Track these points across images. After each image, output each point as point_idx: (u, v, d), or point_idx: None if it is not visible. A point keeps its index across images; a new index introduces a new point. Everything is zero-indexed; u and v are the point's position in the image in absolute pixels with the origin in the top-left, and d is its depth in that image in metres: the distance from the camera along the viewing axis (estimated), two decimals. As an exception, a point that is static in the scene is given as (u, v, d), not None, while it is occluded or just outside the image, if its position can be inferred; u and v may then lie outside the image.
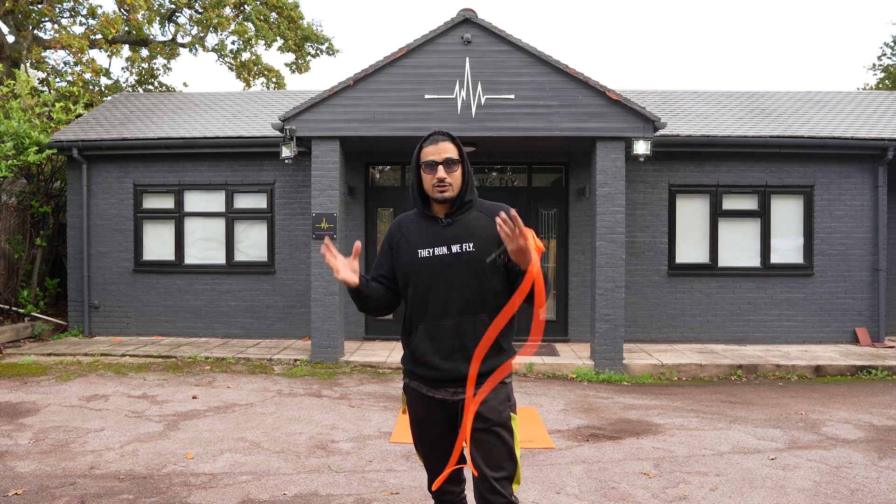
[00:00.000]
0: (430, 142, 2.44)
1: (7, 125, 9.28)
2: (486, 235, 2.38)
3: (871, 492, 4.08)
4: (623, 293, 8.14)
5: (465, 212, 2.45)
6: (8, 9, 14.42)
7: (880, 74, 22.20)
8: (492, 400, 2.36)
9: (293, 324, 9.83)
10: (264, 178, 9.87)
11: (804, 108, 10.77)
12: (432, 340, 2.38)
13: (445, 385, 2.39)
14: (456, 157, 2.42)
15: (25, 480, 4.16)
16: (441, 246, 2.40)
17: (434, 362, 2.38)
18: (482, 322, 2.34)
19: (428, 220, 2.47)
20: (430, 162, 2.40)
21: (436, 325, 2.38)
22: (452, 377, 2.36)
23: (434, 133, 2.46)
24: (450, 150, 2.41)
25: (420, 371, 2.43)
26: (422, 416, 2.47)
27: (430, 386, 2.42)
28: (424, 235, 2.44)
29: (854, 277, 9.51)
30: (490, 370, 2.36)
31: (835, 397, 6.81)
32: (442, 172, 2.38)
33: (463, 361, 2.34)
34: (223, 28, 16.76)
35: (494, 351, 2.39)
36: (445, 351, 2.37)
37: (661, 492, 4.08)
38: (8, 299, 10.12)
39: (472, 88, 8.14)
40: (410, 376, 2.50)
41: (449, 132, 2.46)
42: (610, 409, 6.24)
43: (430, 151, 2.42)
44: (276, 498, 3.93)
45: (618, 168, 8.14)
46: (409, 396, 2.52)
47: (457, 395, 2.38)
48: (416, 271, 2.42)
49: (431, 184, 2.41)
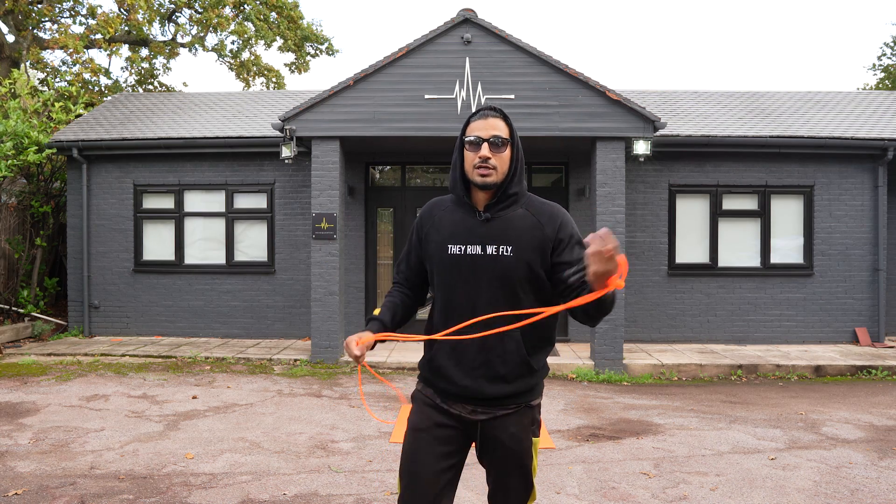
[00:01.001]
0: (478, 116, 2.10)
1: (6, 125, 9.28)
2: (530, 239, 2.04)
3: (871, 492, 4.08)
4: (623, 293, 8.14)
5: (509, 207, 2.10)
6: (8, 9, 14.43)
7: (880, 74, 22.21)
8: (513, 426, 2.09)
9: (293, 324, 9.82)
10: (264, 178, 9.86)
11: (804, 108, 10.77)
12: (452, 353, 2.08)
13: (463, 401, 2.11)
14: (506, 137, 2.07)
15: (25, 480, 4.16)
16: (475, 244, 2.07)
17: (453, 377, 2.08)
18: (513, 338, 2.03)
19: (465, 209, 2.13)
20: (475, 139, 2.06)
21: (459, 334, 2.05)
22: (471, 395, 2.08)
23: (484, 108, 2.12)
24: (500, 127, 2.07)
25: (437, 381, 2.14)
26: (426, 427, 2.13)
27: (444, 399, 2.14)
28: (458, 228, 2.10)
29: (854, 277, 9.51)
30: (520, 391, 2.10)
31: (835, 397, 6.81)
32: (486, 151, 2.03)
33: (486, 380, 2.05)
34: (223, 28, 16.77)
35: (525, 371, 2.09)
36: (467, 366, 2.07)
37: (661, 492, 4.08)
38: (8, 299, 10.12)
39: (471, 88, 8.14)
40: (425, 384, 2.20)
41: (502, 109, 2.13)
42: (610, 409, 6.24)
43: (477, 126, 2.08)
44: (276, 498, 3.93)
45: (618, 168, 8.14)
46: (417, 404, 2.20)
47: (475, 415, 2.10)
48: (443, 268, 2.11)
49: (473, 164, 2.06)
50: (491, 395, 2.06)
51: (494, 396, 2.07)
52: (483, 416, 2.10)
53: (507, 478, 2.13)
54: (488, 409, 2.10)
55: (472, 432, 2.13)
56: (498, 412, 2.09)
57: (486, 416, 2.10)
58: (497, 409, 2.09)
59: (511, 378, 2.07)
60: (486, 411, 2.10)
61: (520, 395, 2.10)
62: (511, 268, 2.03)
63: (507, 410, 2.10)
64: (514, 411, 2.10)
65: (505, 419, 2.09)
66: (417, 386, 2.24)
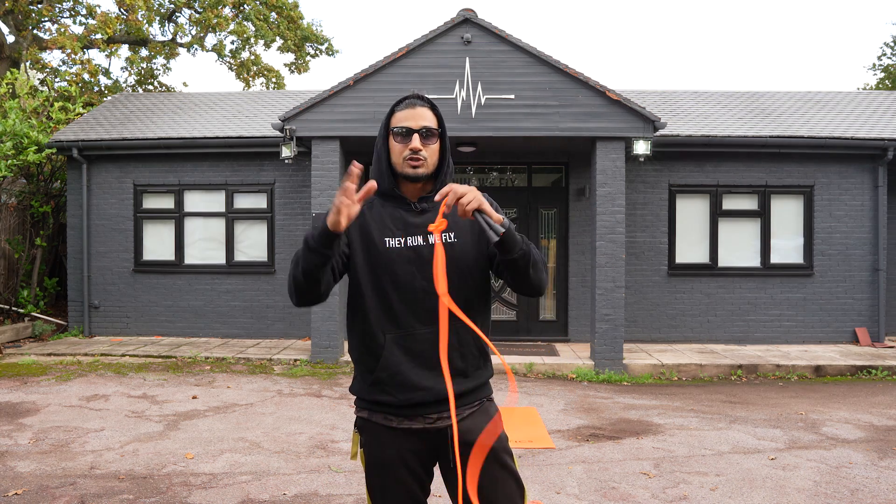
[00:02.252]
0: (404, 105, 1.99)
1: (5, 125, 9.28)
2: (468, 225, 1.98)
3: (871, 492, 4.08)
4: (623, 293, 8.14)
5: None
6: (8, 9, 14.43)
7: (880, 74, 22.22)
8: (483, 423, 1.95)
9: (293, 324, 9.82)
10: (264, 178, 9.86)
11: (804, 108, 10.77)
12: (406, 353, 1.91)
13: (425, 410, 1.92)
14: (435, 128, 1.98)
15: (25, 480, 4.16)
16: (415, 235, 1.95)
17: (412, 380, 1.90)
18: (466, 328, 1.88)
19: (395, 202, 2.01)
20: (404, 129, 1.96)
21: (410, 334, 1.91)
22: (435, 398, 1.91)
23: (410, 96, 2.01)
24: (428, 117, 1.98)
25: (388, 397, 1.92)
26: (389, 460, 1.94)
27: (402, 415, 1.94)
28: (392, 222, 1.97)
29: (854, 277, 9.51)
30: (478, 385, 2.00)
31: (835, 397, 6.81)
32: (417, 143, 1.95)
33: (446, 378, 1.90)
34: (222, 28, 16.77)
35: (480, 361, 2.00)
36: (425, 365, 1.91)
37: (661, 492, 4.08)
38: (8, 299, 10.12)
39: (472, 88, 8.14)
40: (373, 407, 1.97)
41: (428, 97, 2.03)
42: (610, 409, 6.24)
43: (405, 116, 1.97)
44: (276, 498, 3.93)
45: (618, 168, 8.14)
46: (370, 436, 1.98)
47: (440, 422, 1.93)
48: (382, 266, 1.94)
49: (402, 156, 1.96)
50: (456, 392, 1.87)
51: (458, 394, 1.90)
52: (449, 420, 1.92)
53: (496, 484, 1.94)
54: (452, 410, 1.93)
55: (440, 443, 1.95)
56: (464, 412, 1.96)
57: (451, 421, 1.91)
58: (462, 408, 1.96)
59: (470, 371, 1.97)
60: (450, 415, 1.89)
61: (479, 388, 2.01)
62: (461, 253, 1.95)
63: (472, 409, 1.98)
64: (479, 407, 2.00)
65: (472, 419, 1.97)
66: (360, 413, 2.02)
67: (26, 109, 10.42)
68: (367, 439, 1.99)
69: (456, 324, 1.87)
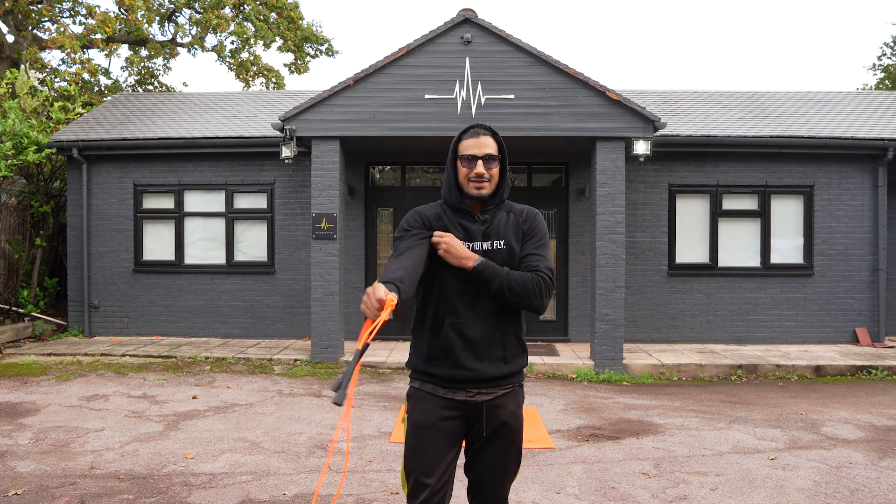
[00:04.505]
0: (470, 135, 2.36)
1: (5, 125, 9.28)
2: (514, 234, 2.37)
3: (871, 492, 4.08)
4: (623, 293, 8.14)
5: (499, 210, 2.42)
6: (8, 9, 14.43)
7: (880, 74, 22.21)
8: (512, 404, 2.32)
9: (293, 324, 9.82)
10: (264, 178, 9.87)
11: (804, 108, 10.77)
12: (461, 338, 2.27)
13: (468, 385, 2.28)
14: (496, 154, 2.34)
15: (25, 480, 4.16)
16: (476, 241, 2.34)
17: (462, 360, 2.26)
18: (510, 322, 2.32)
19: (461, 214, 2.38)
20: (470, 156, 2.32)
21: (466, 321, 2.28)
22: (479, 377, 2.27)
23: (475, 126, 2.37)
24: (490, 145, 2.34)
25: (440, 370, 2.28)
26: (431, 423, 2.29)
27: (448, 387, 2.29)
28: (460, 228, 2.36)
29: (854, 277, 9.51)
30: (515, 370, 2.34)
31: (835, 397, 6.81)
32: (481, 168, 2.31)
33: (490, 361, 2.28)
34: (222, 29, 16.77)
35: (519, 351, 2.36)
36: (476, 349, 2.28)
37: (661, 492, 4.08)
38: (8, 299, 10.12)
39: (472, 88, 8.14)
40: (423, 378, 2.34)
41: (491, 126, 2.38)
42: (610, 409, 6.24)
43: (470, 145, 2.33)
44: (276, 498, 3.93)
45: (618, 168, 8.14)
46: (417, 402, 2.34)
47: (480, 396, 2.29)
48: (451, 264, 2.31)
49: (467, 177, 2.33)
50: (495, 375, 2.28)
51: (498, 376, 2.29)
52: (487, 396, 2.28)
53: (506, 457, 2.32)
54: (491, 389, 2.29)
55: (474, 416, 2.29)
56: (499, 392, 2.30)
57: (490, 397, 2.29)
58: (498, 389, 2.30)
59: (510, 358, 2.32)
60: (490, 391, 2.29)
61: (515, 374, 2.35)
62: (506, 257, 2.32)
63: (506, 390, 2.32)
64: (511, 390, 2.33)
65: (505, 398, 2.31)
66: (413, 384, 2.38)
67: (26, 109, 10.42)
68: (414, 405, 2.34)
69: (501, 318, 2.30)
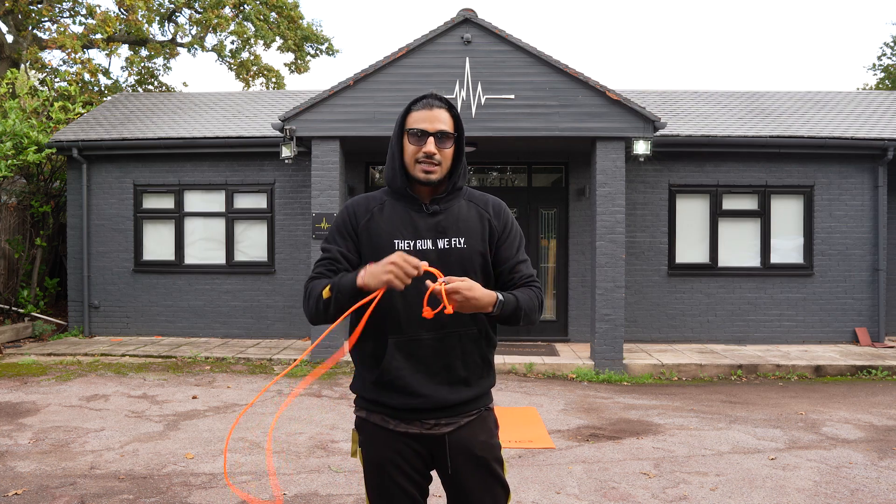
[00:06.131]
0: (421, 105, 1.95)
1: (5, 125, 9.28)
2: (479, 230, 1.97)
3: (871, 492, 4.08)
4: (623, 293, 8.14)
5: (454, 199, 2.00)
6: (8, 9, 14.43)
7: (880, 74, 22.21)
8: (481, 433, 1.97)
9: (293, 324, 9.82)
10: (264, 178, 9.87)
11: (804, 108, 10.77)
12: (408, 359, 1.89)
13: (423, 416, 1.91)
14: (451, 131, 1.94)
15: (25, 480, 4.16)
16: (424, 238, 1.93)
17: (412, 386, 1.88)
18: (470, 336, 1.92)
19: (406, 202, 1.97)
20: (419, 131, 1.91)
21: (413, 339, 1.89)
22: (434, 405, 1.90)
23: (428, 96, 1.97)
24: (445, 119, 1.93)
25: (389, 399, 1.91)
26: (387, 460, 1.94)
27: (400, 419, 1.93)
28: (402, 223, 1.94)
29: (854, 277, 9.51)
30: (479, 395, 1.98)
31: (835, 397, 6.81)
32: (432, 146, 1.90)
33: (447, 386, 1.91)
34: (222, 28, 16.77)
35: (483, 370, 1.98)
36: (427, 372, 1.89)
37: (661, 492, 4.08)
38: (8, 299, 10.12)
39: (472, 88, 8.14)
40: (370, 408, 1.97)
41: (446, 98, 1.98)
42: (610, 409, 6.24)
43: (421, 118, 1.93)
44: (276, 498, 3.92)
45: (618, 168, 8.14)
46: (368, 435, 1.98)
47: (438, 429, 1.93)
48: None
49: (414, 158, 1.92)
50: (454, 401, 1.92)
51: (457, 402, 1.93)
52: (448, 427, 1.93)
53: (485, 494, 1.96)
54: (452, 417, 1.94)
55: (436, 450, 1.95)
56: (462, 420, 1.95)
57: (451, 427, 1.94)
58: (461, 416, 1.95)
59: (472, 380, 1.95)
60: (449, 421, 1.94)
61: (480, 398, 1.99)
62: (466, 259, 1.93)
63: (470, 417, 1.97)
64: (477, 416, 1.98)
65: (471, 427, 1.96)
66: (360, 413, 2.01)
67: (26, 109, 10.42)
68: (365, 439, 1.99)
69: (460, 331, 1.90)
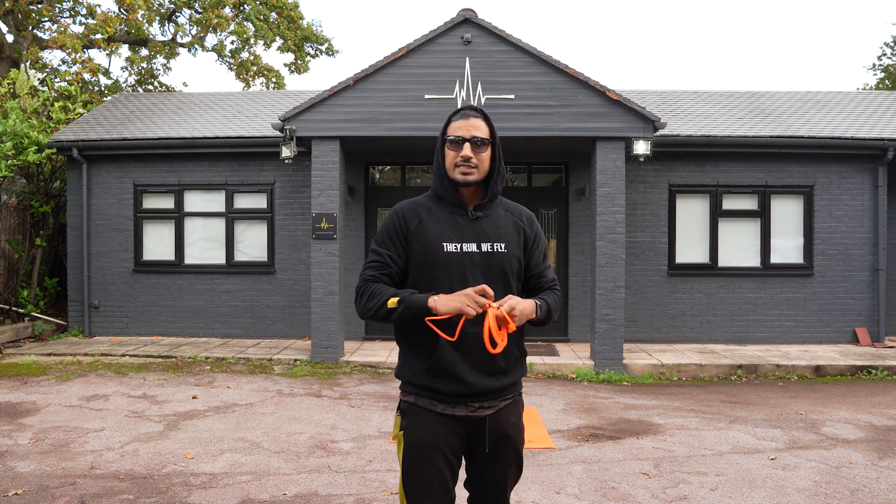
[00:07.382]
0: (459, 116, 2.17)
1: (5, 125, 9.28)
2: (516, 237, 2.20)
3: (871, 492, 4.08)
4: (623, 293, 8.14)
5: (494, 207, 2.23)
6: (8, 9, 14.43)
7: (880, 74, 22.21)
8: (514, 415, 2.21)
9: (293, 324, 9.82)
10: (264, 178, 9.87)
11: (804, 108, 10.77)
12: (459, 350, 2.08)
13: (468, 400, 2.12)
14: (486, 137, 2.14)
15: (25, 480, 4.16)
16: (469, 242, 2.13)
17: (461, 375, 2.08)
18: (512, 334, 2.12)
19: (451, 208, 2.18)
20: (456, 138, 2.13)
21: (462, 333, 2.06)
22: (479, 391, 2.12)
23: (465, 107, 2.19)
24: (480, 127, 2.14)
25: (439, 386, 2.10)
26: (430, 441, 2.11)
27: (447, 402, 2.12)
28: (449, 227, 2.15)
29: (854, 277, 9.51)
30: (516, 380, 2.22)
31: (835, 397, 6.81)
32: (468, 151, 2.11)
33: (490, 375, 2.13)
34: (222, 28, 16.77)
35: (519, 360, 2.24)
36: (474, 362, 2.09)
37: (661, 492, 4.08)
38: (8, 299, 10.12)
39: (471, 88, 8.14)
40: (419, 392, 2.15)
41: (482, 109, 2.19)
42: (610, 409, 6.24)
43: (459, 126, 2.15)
44: (276, 498, 3.93)
45: (618, 168, 8.14)
46: (414, 419, 2.15)
47: (482, 411, 2.14)
48: (440, 268, 2.11)
49: (454, 162, 2.13)
50: (496, 388, 2.15)
51: (498, 389, 2.16)
52: (489, 409, 2.15)
53: (508, 469, 2.20)
54: (492, 401, 2.16)
55: (476, 431, 2.16)
56: (500, 403, 2.18)
57: (491, 410, 2.16)
58: (499, 400, 2.17)
59: (510, 370, 2.19)
60: (490, 405, 2.16)
61: (515, 384, 2.23)
62: (507, 262, 2.16)
63: (506, 401, 2.20)
64: (512, 401, 2.22)
65: (506, 410, 2.19)
66: (407, 398, 2.18)
67: (26, 109, 10.42)
68: (410, 422, 2.15)
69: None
